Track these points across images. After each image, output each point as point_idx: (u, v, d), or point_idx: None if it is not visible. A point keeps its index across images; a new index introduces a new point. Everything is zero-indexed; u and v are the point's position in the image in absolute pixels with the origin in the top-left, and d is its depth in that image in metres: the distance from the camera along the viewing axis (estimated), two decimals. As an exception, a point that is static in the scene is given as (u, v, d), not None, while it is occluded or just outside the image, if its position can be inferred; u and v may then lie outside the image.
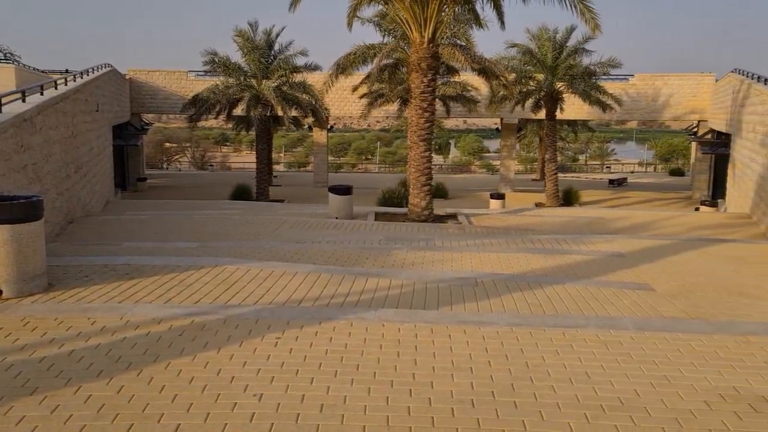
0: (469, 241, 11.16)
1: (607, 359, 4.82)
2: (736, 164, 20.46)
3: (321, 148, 35.19)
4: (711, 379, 4.47)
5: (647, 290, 7.33)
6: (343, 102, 32.86)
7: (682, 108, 32.23)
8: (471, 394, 4.18)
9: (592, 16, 14.12)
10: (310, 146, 51.01)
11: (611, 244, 10.58)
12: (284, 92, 25.81)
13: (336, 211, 15.17)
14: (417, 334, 5.30)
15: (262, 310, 5.85)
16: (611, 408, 4.02)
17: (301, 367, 4.56)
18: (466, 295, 6.87)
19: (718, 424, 3.81)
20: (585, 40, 27.26)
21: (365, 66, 19.87)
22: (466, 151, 69.41)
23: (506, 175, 34.36)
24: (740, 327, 5.61)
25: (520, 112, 30.76)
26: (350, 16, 16.67)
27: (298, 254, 9.20)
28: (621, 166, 60.21)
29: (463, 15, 18.02)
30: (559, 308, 6.43)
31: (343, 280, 7.28)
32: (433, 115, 15.86)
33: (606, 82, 29.50)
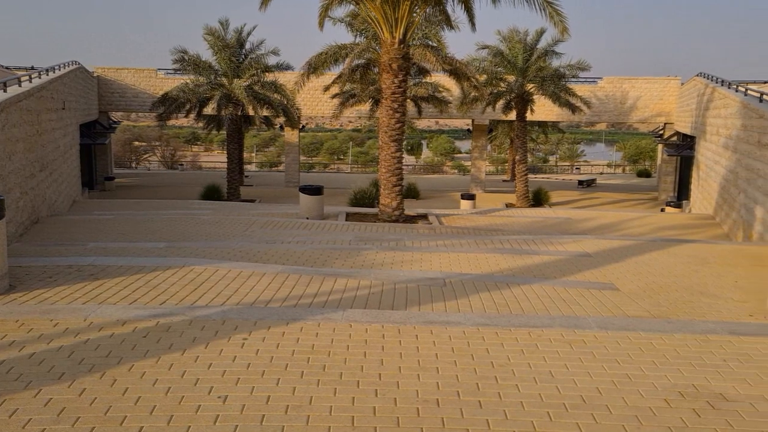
0: (439, 241, 11.22)
1: (571, 358, 4.89)
2: (701, 166, 20.88)
3: (293, 148, 35.04)
4: (671, 377, 4.56)
5: (612, 290, 7.45)
6: (314, 102, 32.77)
7: (649, 111, 32.79)
8: (436, 394, 4.21)
9: (561, 19, 14.30)
10: (281, 146, 50.76)
11: (579, 244, 10.72)
12: (255, 91, 25.66)
13: (307, 211, 15.13)
14: (384, 334, 5.31)
15: (229, 311, 5.81)
16: (574, 406, 4.08)
17: (267, 368, 4.55)
18: (435, 295, 6.91)
19: (677, 421, 3.89)
20: (554, 43, 27.60)
21: (337, 66, 19.84)
22: (438, 151, 69.71)
23: (477, 176, 34.59)
24: (700, 326, 5.74)
25: (491, 114, 31.01)
26: (321, 15, 16.63)
27: (267, 254, 9.15)
28: (590, 167, 61.02)
29: (434, 16, 18.10)
30: (525, 308, 6.50)
31: (311, 281, 7.27)
32: (404, 115, 15.91)
33: (575, 84, 29.88)
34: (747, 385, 4.43)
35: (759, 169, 12.36)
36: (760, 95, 14.29)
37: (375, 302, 6.58)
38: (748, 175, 13.47)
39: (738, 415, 3.98)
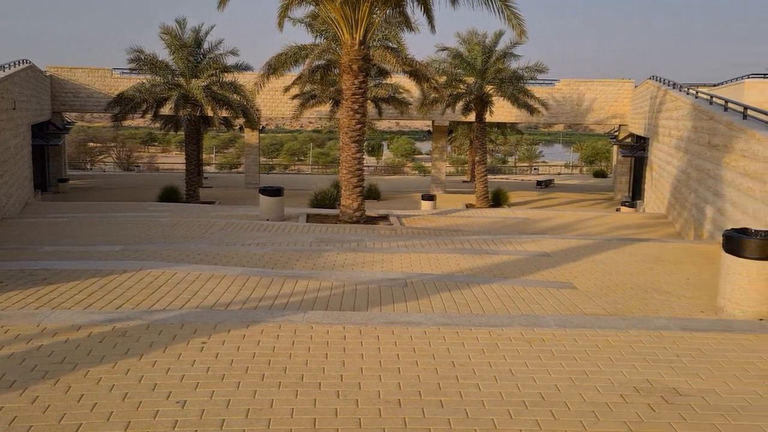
0: (400, 242, 11.26)
1: (531, 356, 4.96)
2: (653, 167, 21.41)
3: (252, 149, 34.72)
4: (626, 372, 4.66)
5: (570, 288, 7.58)
6: (274, 103, 32.54)
7: (604, 112, 33.49)
8: (398, 394, 4.22)
9: (519, 22, 14.49)
10: (241, 147, 50.24)
11: (537, 244, 10.88)
12: (214, 92, 25.37)
13: (267, 213, 15.01)
14: (345, 335, 5.30)
15: (187, 315, 5.72)
16: (533, 403, 4.14)
17: (228, 372, 4.50)
18: (396, 295, 6.93)
19: (633, 416, 3.98)
20: (513, 45, 27.98)
21: (297, 67, 19.75)
22: (398, 152, 69.92)
23: (437, 177, 34.82)
24: (654, 322, 5.88)
25: (450, 115, 31.26)
26: (281, 16, 16.51)
27: (227, 257, 9.05)
28: (548, 167, 62.02)
29: (393, 17, 18.14)
30: (485, 307, 6.57)
31: (272, 283, 7.21)
32: (364, 116, 15.91)
33: (533, 86, 30.32)
34: (699, 379, 4.55)
35: (709, 169, 12.74)
36: (709, 98, 14.72)
37: (336, 303, 6.57)
38: (698, 175, 13.86)
39: (691, 408, 4.09)
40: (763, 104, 17.75)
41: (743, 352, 5.09)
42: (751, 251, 6.19)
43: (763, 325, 5.87)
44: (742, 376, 4.61)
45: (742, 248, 6.24)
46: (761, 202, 8.76)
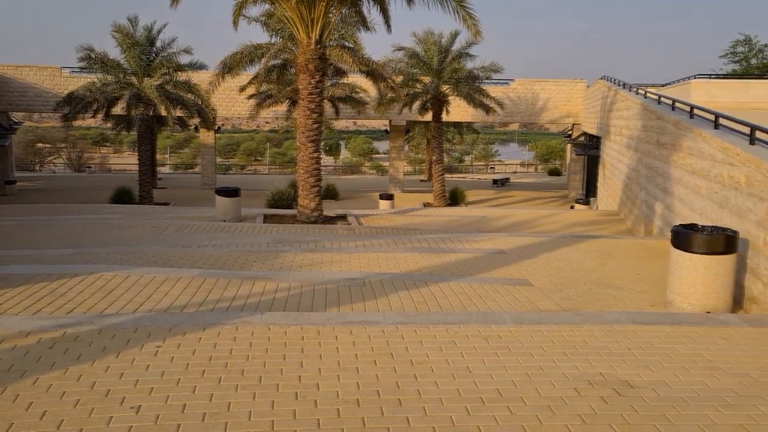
0: (358, 241, 11.25)
1: (488, 353, 5.02)
2: (606, 165, 21.90)
3: (208, 149, 34.26)
4: (580, 366, 4.76)
5: (526, 285, 7.70)
6: (230, 102, 32.17)
7: (558, 112, 34.12)
8: (357, 394, 4.22)
9: (474, 22, 14.64)
10: (196, 147, 49.48)
11: (494, 241, 11.02)
12: (168, 91, 24.95)
13: (223, 214, 14.83)
14: (304, 336, 5.28)
15: (141, 318, 5.61)
16: (490, 400, 4.19)
17: (183, 376, 4.43)
18: (354, 295, 6.93)
19: (586, 408, 4.07)
20: (468, 45, 28.29)
21: (253, 66, 19.58)
22: (356, 152, 69.87)
23: (395, 176, 34.94)
24: (606, 317, 6.02)
25: (407, 114, 31.39)
26: (236, 14, 16.32)
27: (182, 259, 8.91)
28: (504, 166, 62.83)
29: (350, 17, 18.13)
30: (443, 305, 6.62)
31: (229, 284, 7.13)
32: (321, 116, 15.85)
33: (489, 85, 30.70)
34: (649, 372, 4.68)
35: (658, 167, 13.09)
36: (658, 98, 15.13)
37: (294, 304, 6.53)
38: (648, 173, 14.24)
39: (642, 400, 4.20)
40: (708, 104, 18.32)
41: (691, 344, 5.25)
42: (698, 246, 6.39)
43: (709, 317, 6.06)
44: (690, 368, 4.76)
45: (690, 243, 6.43)
46: (707, 199, 9.05)
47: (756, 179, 7.02)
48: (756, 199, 6.97)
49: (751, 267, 6.93)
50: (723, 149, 8.43)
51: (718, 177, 8.61)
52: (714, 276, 6.36)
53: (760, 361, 4.92)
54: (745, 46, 40.27)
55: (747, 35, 40.87)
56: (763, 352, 5.09)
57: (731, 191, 7.93)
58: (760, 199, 6.83)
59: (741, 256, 7.09)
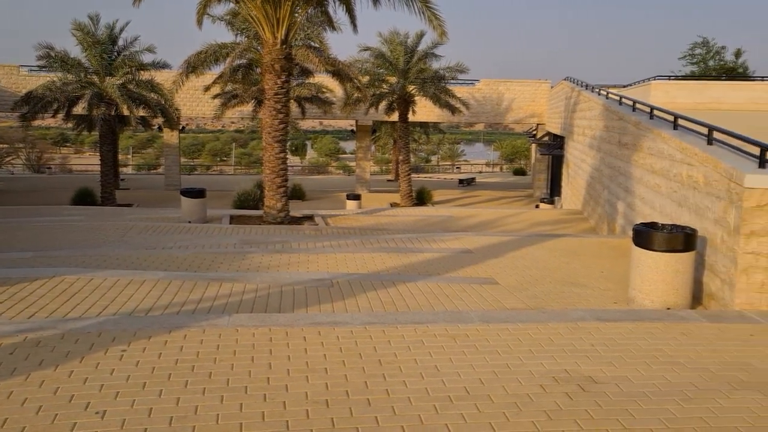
0: (326, 242, 11.24)
1: (455, 352, 5.07)
2: (570, 165, 22.24)
3: (172, 150, 33.81)
4: (546, 363, 4.84)
5: (492, 284, 7.79)
6: (195, 102, 31.80)
7: (523, 112, 34.52)
8: (325, 395, 4.23)
9: (439, 23, 14.73)
10: (160, 147, 48.75)
11: (460, 241, 11.11)
12: (130, 90, 24.54)
13: (189, 215, 14.66)
14: (272, 337, 5.26)
15: (105, 322, 5.52)
16: (458, 398, 4.23)
17: (149, 380, 4.37)
18: (322, 296, 6.93)
19: (552, 404, 4.14)
20: (434, 46, 28.43)
21: (218, 65, 19.38)
22: (322, 152, 69.68)
23: (362, 176, 34.94)
24: (571, 314, 6.12)
25: (374, 114, 31.43)
26: (200, 13, 16.14)
27: (147, 261, 8.79)
28: (470, 166, 63.33)
29: (316, 17, 18.08)
30: (411, 305, 6.66)
31: (195, 287, 7.06)
32: (287, 116, 15.78)
33: (454, 86, 30.89)
34: (613, 367, 4.78)
35: (620, 167, 13.35)
36: (619, 98, 15.43)
37: (262, 306, 6.50)
38: (610, 172, 14.51)
39: (605, 395, 4.29)
40: (667, 104, 18.74)
41: (652, 340, 5.38)
42: (659, 244, 6.54)
43: (670, 313, 6.21)
44: (651, 363, 4.87)
45: (650, 242, 6.58)
46: (667, 198, 9.27)
47: (713, 178, 7.22)
48: (713, 198, 7.17)
49: (709, 264, 7.12)
50: (682, 149, 8.65)
51: (677, 176, 8.83)
52: (674, 273, 6.52)
53: (719, 355, 5.06)
54: (703, 48, 41.32)
55: (705, 38, 42.00)
56: (721, 347, 5.24)
57: (690, 190, 8.14)
58: (718, 198, 7.02)
59: (699, 253, 7.28)
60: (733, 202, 6.53)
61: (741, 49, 41.48)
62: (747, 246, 6.29)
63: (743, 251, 6.30)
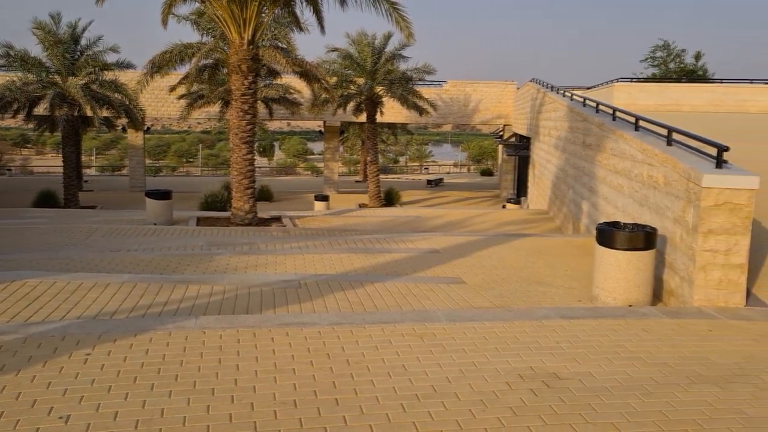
0: (293, 243, 11.21)
1: (422, 351, 5.12)
2: (536, 165, 22.54)
3: (137, 151, 33.34)
4: (511, 361, 4.92)
5: (459, 283, 7.87)
6: (160, 102, 31.41)
7: (490, 113, 34.86)
8: (293, 395, 4.24)
9: (407, 24, 14.81)
10: (124, 148, 48.02)
11: (428, 241, 11.19)
12: (94, 91, 24.15)
13: (154, 217, 14.48)
14: (239, 339, 5.24)
15: (69, 326, 5.44)
16: (425, 396, 4.28)
17: (114, 383, 4.33)
18: (290, 297, 6.92)
19: (517, 401, 4.22)
20: (401, 47, 28.54)
21: (183, 65, 19.21)
22: (290, 153, 69.39)
23: (330, 177, 34.90)
24: (536, 312, 6.23)
25: (342, 115, 31.44)
26: (165, 13, 15.96)
27: (111, 263, 8.66)
28: (438, 167, 63.70)
29: (283, 17, 18.03)
30: (378, 305, 6.70)
31: (161, 289, 7.00)
32: (255, 117, 15.70)
33: (422, 87, 31.08)
34: (576, 364, 4.88)
35: (584, 167, 13.59)
36: (583, 100, 15.69)
37: (229, 307, 6.47)
38: (575, 173, 14.75)
39: (569, 391, 4.38)
40: (630, 106, 19.13)
41: (615, 337, 5.50)
42: (621, 243, 6.69)
43: (632, 310, 6.36)
44: (613, 359, 4.99)
45: (613, 241, 6.73)
46: (629, 198, 9.47)
47: (673, 178, 7.41)
48: (673, 197, 7.35)
49: (669, 262, 7.30)
50: (642, 150, 8.84)
51: (638, 176, 9.03)
52: (635, 271, 6.67)
53: (678, 350, 5.20)
54: (664, 51, 42.25)
55: (665, 41, 42.96)
56: (681, 342, 5.39)
57: (651, 190, 8.33)
58: (677, 198, 7.21)
59: (660, 251, 7.46)
60: (692, 202, 6.72)
61: (700, 51, 42.58)
62: (705, 244, 6.47)
63: (701, 249, 6.48)
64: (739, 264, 6.46)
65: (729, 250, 6.44)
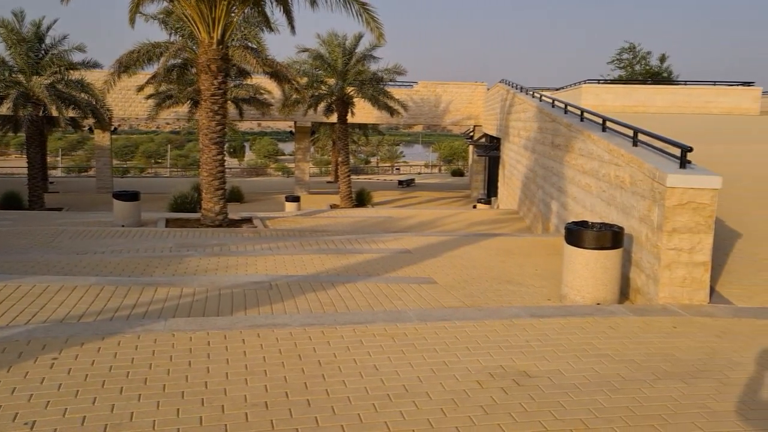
0: (264, 244, 11.15)
1: (394, 351, 5.14)
2: (505, 165, 22.74)
3: (104, 151, 32.81)
4: (482, 360, 4.96)
5: (430, 283, 7.91)
6: (127, 102, 30.97)
7: (460, 114, 35.07)
8: (265, 397, 4.22)
9: (377, 25, 14.84)
10: (91, 149, 47.22)
11: (399, 241, 11.22)
12: (59, 90, 23.70)
13: (122, 219, 14.28)
14: (210, 341, 5.20)
15: (35, 330, 5.34)
16: (397, 396, 4.29)
17: (82, 387, 4.26)
18: (261, 298, 6.89)
19: (488, 400, 4.26)
20: (372, 48, 28.58)
21: (151, 65, 18.98)
22: (261, 153, 68.94)
23: (301, 178, 34.78)
24: (506, 311, 6.29)
25: (313, 116, 31.35)
26: (132, 11, 15.76)
27: (78, 266, 8.52)
28: (409, 167, 63.88)
29: (253, 17, 17.94)
30: (350, 306, 6.70)
31: (129, 291, 6.90)
32: (224, 117, 15.58)
33: (393, 88, 31.16)
34: (546, 362, 4.94)
35: (553, 167, 13.76)
36: (552, 101, 15.88)
37: (199, 309, 6.42)
38: (544, 173, 14.93)
39: (539, 389, 4.44)
40: (597, 107, 19.42)
41: (583, 334, 5.58)
42: (588, 242, 6.79)
43: (599, 308, 6.46)
44: (582, 356, 5.06)
45: (581, 240, 6.83)
46: (597, 197, 9.62)
47: (638, 178, 7.54)
48: (639, 197, 7.49)
49: (635, 260, 7.44)
50: (609, 150, 8.99)
51: (606, 176, 9.18)
52: (603, 270, 6.78)
53: (644, 347, 5.30)
54: (630, 53, 42.97)
55: (632, 43, 43.71)
56: (646, 339, 5.50)
57: (617, 190, 8.48)
58: (642, 197, 7.34)
59: (627, 250, 7.59)
60: (657, 201, 6.85)
61: (665, 54, 43.43)
62: (669, 243, 6.60)
63: (666, 248, 6.61)
64: (702, 262, 6.60)
65: (693, 248, 6.58)
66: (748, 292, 6.95)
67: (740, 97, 28.65)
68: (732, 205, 10.47)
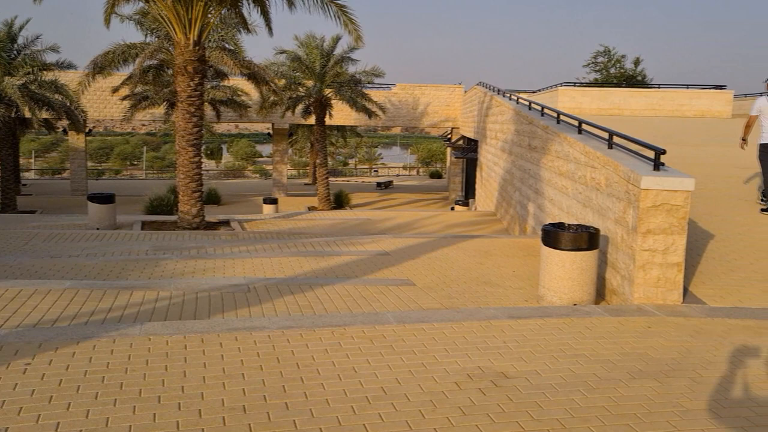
0: (242, 247, 11.09)
1: (372, 353, 5.14)
2: (483, 168, 22.87)
3: (78, 153, 32.37)
4: (460, 361, 4.99)
5: (409, 285, 7.93)
6: (103, 104, 30.59)
7: (438, 116, 35.21)
8: (242, 401, 4.20)
9: (355, 27, 14.86)
10: (65, 151, 46.59)
11: (378, 243, 11.23)
12: (32, 91, 23.35)
13: (97, 221, 14.11)
14: (187, 345, 5.16)
15: (7, 335, 5.26)
16: (375, 398, 4.30)
17: (56, 393, 4.20)
18: (239, 301, 6.85)
19: (466, 401, 4.28)
20: (350, 50, 28.59)
21: (127, 66, 18.79)
22: (238, 155, 68.54)
23: (279, 180, 34.64)
24: (484, 313, 6.33)
25: (290, 118, 31.24)
26: (107, 12, 15.59)
27: (52, 269, 8.40)
28: (387, 169, 63.95)
29: (230, 18, 17.85)
30: (328, 308, 6.69)
31: (104, 295, 6.82)
32: (201, 119, 15.48)
33: (371, 90, 31.19)
34: (523, 363, 4.98)
35: (530, 169, 13.87)
36: (529, 103, 16.02)
37: (176, 313, 6.36)
38: (521, 175, 15.04)
39: (516, 389, 4.47)
40: (573, 110, 19.64)
41: (559, 335, 5.64)
42: (565, 243, 6.86)
43: (576, 309, 6.53)
44: (558, 357, 5.11)
45: (557, 241, 6.89)
46: (573, 199, 9.72)
47: (614, 180, 7.64)
48: (614, 198, 7.59)
49: (611, 261, 7.53)
50: (585, 153, 9.09)
51: (582, 178, 9.28)
52: (579, 271, 6.85)
53: (619, 347, 5.37)
54: (605, 56, 43.50)
55: (606, 47, 44.29)
56: (622, 339, 5.56)
57: (593, 191, 8.57)
58: (618, 199, 7.44)
59: (602, 251, 7.68)
60: (631, 203, 6.94)
61: (639, 57, 44.04)
62: (644, 244, 6.70)
63: (640, 249, 6.71)
64: (676, 263, 6.70)
65: (667, 249, 6.68)
66: (720, 292, 7.07)
67: (713, 100, 29.15)
68: (704, 206, 10.66)
